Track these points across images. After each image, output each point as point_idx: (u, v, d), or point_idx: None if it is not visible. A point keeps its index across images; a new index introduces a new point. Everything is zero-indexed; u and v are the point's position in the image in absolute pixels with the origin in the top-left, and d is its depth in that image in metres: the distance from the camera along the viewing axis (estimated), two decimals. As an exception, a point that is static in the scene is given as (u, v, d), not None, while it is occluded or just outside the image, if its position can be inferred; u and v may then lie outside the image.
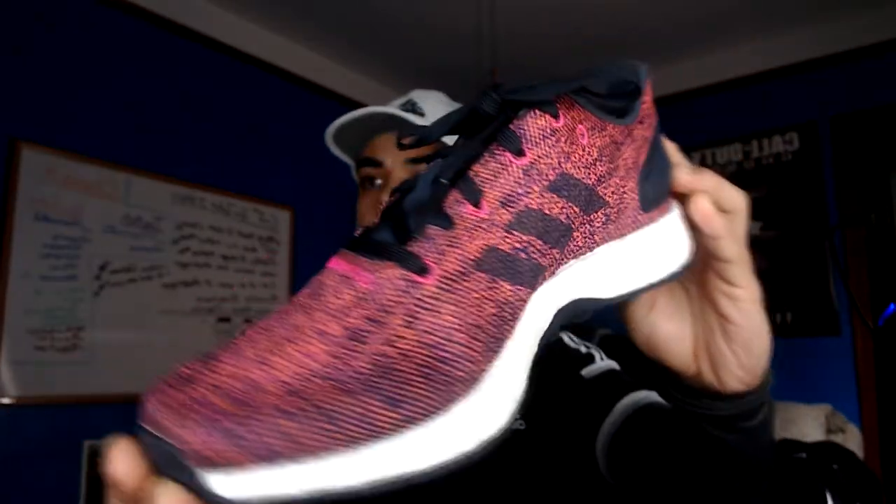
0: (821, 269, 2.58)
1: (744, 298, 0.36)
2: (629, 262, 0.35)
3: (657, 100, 0.39)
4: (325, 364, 0.25)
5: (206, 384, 0.24)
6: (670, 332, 0.40)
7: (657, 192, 0.36)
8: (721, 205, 0.37)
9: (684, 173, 0.37)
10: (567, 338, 0.73)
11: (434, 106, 0.75)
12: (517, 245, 0.29)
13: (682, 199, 0.38)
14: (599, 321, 0.61)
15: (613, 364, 0.68)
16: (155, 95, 2.28)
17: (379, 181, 0.72)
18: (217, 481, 0.22)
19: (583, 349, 0.72)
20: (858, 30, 2.58)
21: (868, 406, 2.44)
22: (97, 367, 2.02)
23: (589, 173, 0.32)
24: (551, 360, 0.66)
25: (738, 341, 0.37)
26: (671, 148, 0.39)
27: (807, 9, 2.55)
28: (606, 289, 0.34)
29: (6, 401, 1.84)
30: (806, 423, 2.26)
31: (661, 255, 0.36)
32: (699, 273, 0.38)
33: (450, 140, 0.59)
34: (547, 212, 0.30)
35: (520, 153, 0.30)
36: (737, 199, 0.37)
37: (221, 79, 2.50)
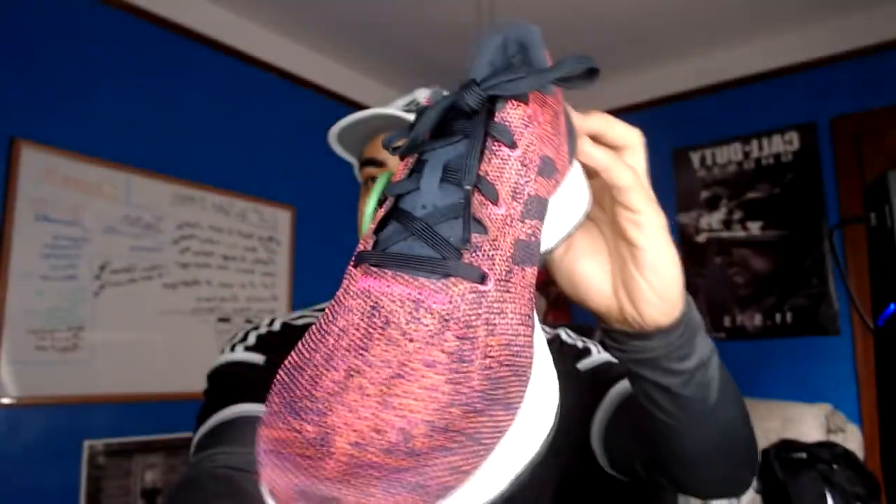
0: (821, 269, 2.58)
1: (646, 223, 0.38)
2: (554, 216, 0.37)
3: (657, 100, 0.40)
4: (450, 393, 0.26)
5: (343, 444, 0.24)
6: (588, 270, 0.43)
7: (572, 150, 0.39)
8: (612, 142, 0.40)
9: (575, 119, 0.40)
10: (565, 334, 0.74)
11: None
12: (529, 231, 0.32)
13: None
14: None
15: (611, 357, 0.68)
16: (155, 95, 2.28)
17: None
18: None
19: (580, 344, 0.72)
20: (859, 30, 2.58)
21: (868, 406, 2.44)
22: (97, 367, 2.02)
23: (552, 148, 0.34)
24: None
25: (648, 266, 0.39)
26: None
27: (807, 9, 2.56)
28: (544, 244, 0.37)
29: (6, 401, 1.84)
30: (806, 423, 2.26)
31: (572, 204, 0.39)
32: (610, 211, 0.41)
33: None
34: (541, 194, 0.33)
35: (513, 145, 0.31)
36: (627, 134, 0.40)
37: (221, 78, 2.50)
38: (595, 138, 0.39)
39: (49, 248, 1.95)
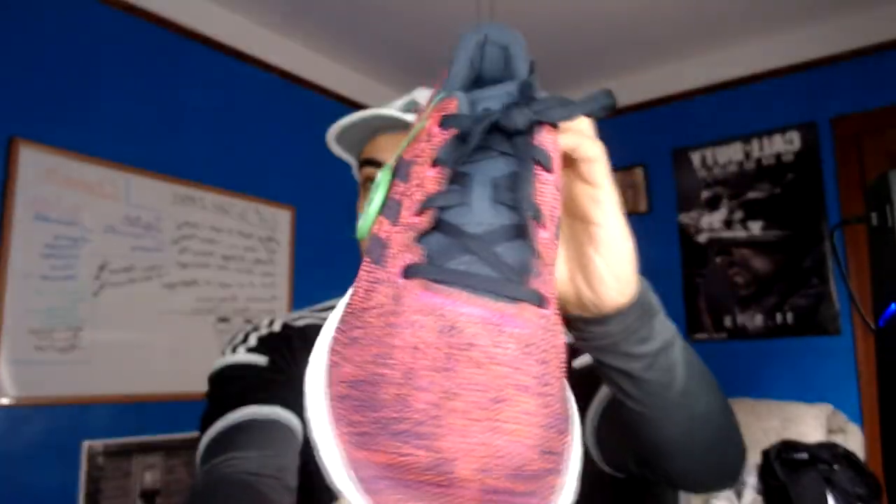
0: (821, 269, 2.58)
1: (604, 199, 0.39)
2: None
3: (657, 100, 0.40)
4: (545, 416, 0.27)
5: (468, 471, 0.25)
6: None
7: None
8: (582, 156, 0.41)
9: None
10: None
11: None
12: (556, 251, 0.33)
13: None
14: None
15: None
16: (155, 95, 2.28)
17: None
18: None
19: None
20: (859, 30, 2.58)
21: (869, 406, 2.44)
22: (97, 367, 2.02)
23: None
24: None
25: (604, 242, 0.39)
26: None
27: (807, 9, 2.55)
28: None
29: (5, 401, 1.84)
30: (806, 423, 2.26)
31: None
32: (566, 193, 0.41)
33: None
34: (559, 216, 0.34)
35: (550, 170, 0.32)
36: (594, 150, 0.40)
37: (221, 79, 2.50)
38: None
39: (48, 248, 1.95)
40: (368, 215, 0.33)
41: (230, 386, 0.64)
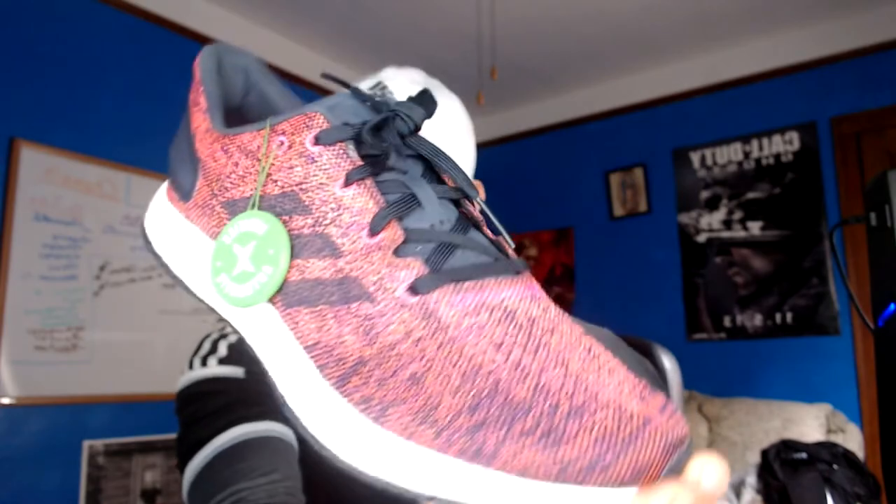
0: (821, 269, 2.58)
1: None
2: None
3: (657, 100, 0.39)
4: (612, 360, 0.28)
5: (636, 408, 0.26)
6: None
7: None
8: None
9: None
10: None
11: (405, 89, 0.71)
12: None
13: None
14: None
15: None
16: (155, 95, 2.28)
17: None
18: None
19: None
20: (859, 30, 2.58)
21: (868, 406, 2.44)
22: (97, 367, 2.02)
23: None
24: None
25: None
26: None
27: (806, 9, 2.55)
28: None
29: (6, 401, 1.84)
30: (806, 423, 2.26)
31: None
32: None
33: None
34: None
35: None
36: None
37: (221, 79, 2.50)
38: None
39: (48, 248, 1.95)
40: (275, 271, 0.28)
41: (209, 404, 0.57)
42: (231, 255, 0.30)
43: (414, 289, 0.27)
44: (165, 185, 0.37)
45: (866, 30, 2.56)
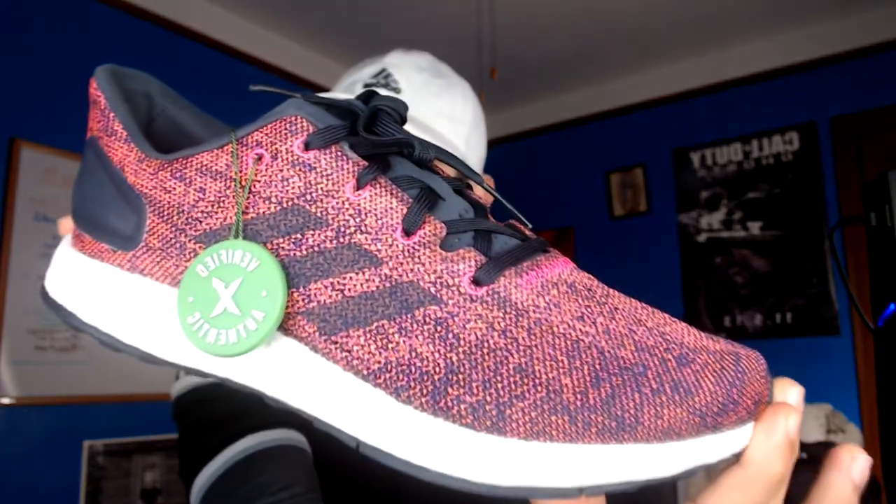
0: (821, 269, 2.58)
1: None
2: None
3: (657, 100, 0.39)
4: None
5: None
6: None
7: None
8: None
9: None
10: None
11: (410, 77, 0.69)
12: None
13: None
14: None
15: None
16: (155, 95, 2.28)
17: None
18: None
19: None
20: (859, 30, 2.58)
21: (868, 406, 2.44)
22: (97, 367, 2.02)
23: None
24: None
25: None
26: None
27: (806, 9, 2.56)
28: None
29: (6, 401, 1.84)
30: (806, 423, 2.26)
31: None
32: None
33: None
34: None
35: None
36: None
37: (221, 78, 2.50)
38: None
39: (48, 248, 1.95)
40: (267, 318, 0.25)
41: (214, 410, 0.54)
42: (208, 291, 0.25)
43: (477, 280, 0.25)
44: (68, 240, 0.31)
45: (866, 30, 2.56)
